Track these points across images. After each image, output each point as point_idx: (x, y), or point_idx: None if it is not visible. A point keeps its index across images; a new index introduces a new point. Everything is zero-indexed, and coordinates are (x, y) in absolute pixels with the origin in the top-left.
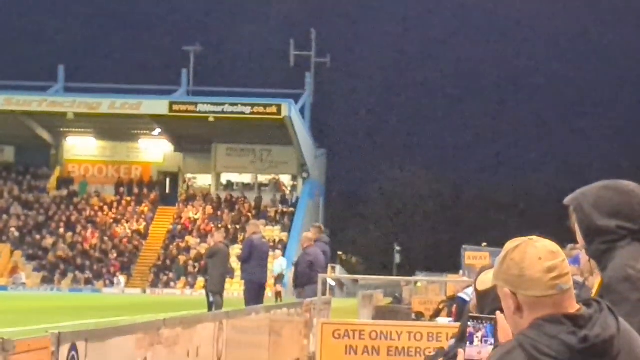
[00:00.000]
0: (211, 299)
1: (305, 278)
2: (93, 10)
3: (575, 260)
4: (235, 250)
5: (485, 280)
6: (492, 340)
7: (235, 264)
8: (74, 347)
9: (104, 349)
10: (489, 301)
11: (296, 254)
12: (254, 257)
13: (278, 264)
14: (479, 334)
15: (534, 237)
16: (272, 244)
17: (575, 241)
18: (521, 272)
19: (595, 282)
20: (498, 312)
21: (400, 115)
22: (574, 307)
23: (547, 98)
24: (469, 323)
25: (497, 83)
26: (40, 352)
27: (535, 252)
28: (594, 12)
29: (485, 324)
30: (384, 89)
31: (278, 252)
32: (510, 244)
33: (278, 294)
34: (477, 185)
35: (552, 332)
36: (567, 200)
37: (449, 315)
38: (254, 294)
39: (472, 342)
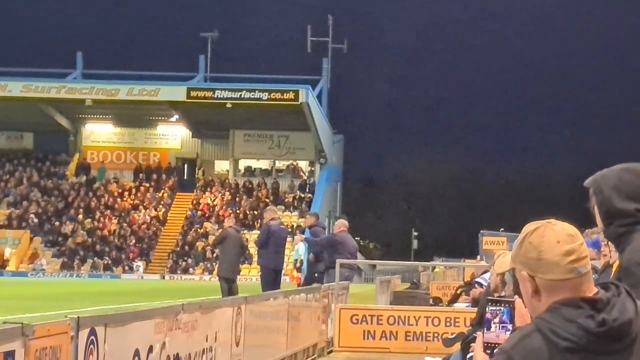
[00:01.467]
0: (225, 284)
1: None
2: None
3: (594, 244)
4: (253, 236)
5: (504, 263)
6: (510, 325)
7: (252, 249)
8: (93, 332)
9: (123, 334)
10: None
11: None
12: (271, 243)
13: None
14: (497, 318)
15: (552, 220)
16: (289, 229)
17: (593, 224)
18: (539, 256)
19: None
20: (516, 296)
21: (417, 101)
22: (592, 290)
23: (568, 85)
24: (487, 307)
25: (516, 69)
26: (60, 336)
27: (553, 235)
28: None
29: (503, 308)
30: (401, 75)
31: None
32: (528, 227)
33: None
34: (495, 170)
35: (570, 315)
36: (587, 182)
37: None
38: (270, 279)
39: (490, 326)
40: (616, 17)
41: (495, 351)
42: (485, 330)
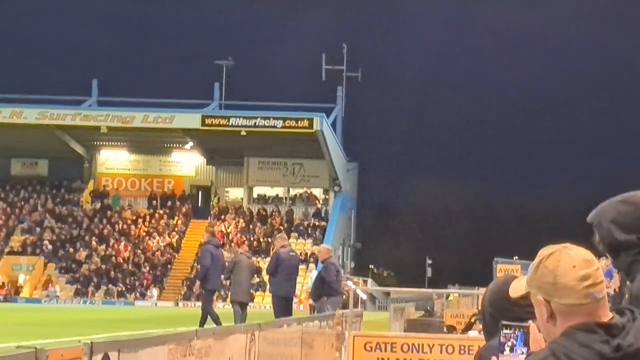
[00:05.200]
0: (238, 309)
1: (332, 288)
2: (126, 25)
3: (607, 273)
4: (266, 263)
5: (518, 287)
6: (524, 349)
7: (266, 277)
8: (106, 358)
9: (136, 359)
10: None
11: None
12: (281, 271)
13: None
14: (511, 342)
15: (568, 245)
16: (303, 257)
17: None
18: (555, 280)
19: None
20: (530, 321)
21: (431, 129)
22: (607, 315)
23: (583, 114)
24: (501, 331)
25: (530, 99)
26: None
27: (569, 259)
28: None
29: (517, 332)
30: (415, 103)
31: (312, 265)
32: (544, 251)
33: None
34: (509, 199)
35: (585, 340)
36: (589, 217)
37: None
38: (281, 307)
39: (504, 350)
40: (632, 41)
41: None
42: (500, 354)
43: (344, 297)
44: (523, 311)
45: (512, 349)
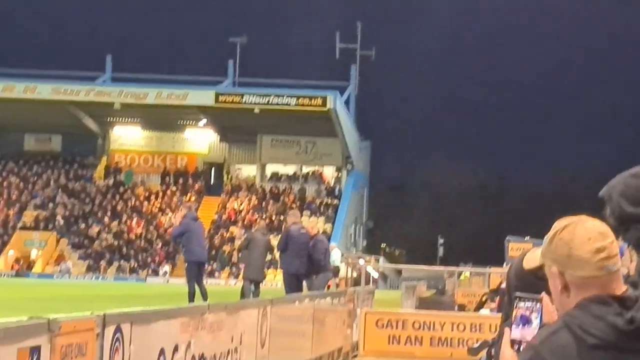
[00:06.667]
0: (250, 285)
1: (320, 266)
2: (141, 2)
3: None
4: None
5: (533, 259)
6: (537, 321)
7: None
8: (118, 330)
9: (149, 333)
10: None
11: (341, 245)
12: (290, 248)
13: (336, 255)
14: (525, 314)
15: (583, 217)
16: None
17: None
18: (569, 252)
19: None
20: (543, 293)
21: (444, 108)
22: (621, 288)
23: (598, 91)
24: (517, 303)
25: (545, 75)
26: (85, 333)
27: (584, 232)
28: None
29: (530, 304)
30: (428, 81)
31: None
32: (559, 223)
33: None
34: (521, 177)
35: (599, 312)
36: (601, 192)
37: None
38: (292, 284)
39: (517, 323)
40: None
41: (522, 347)
42: (513, 326)
43: (331, 275)
44: (547, 286)
45: (526, 321)
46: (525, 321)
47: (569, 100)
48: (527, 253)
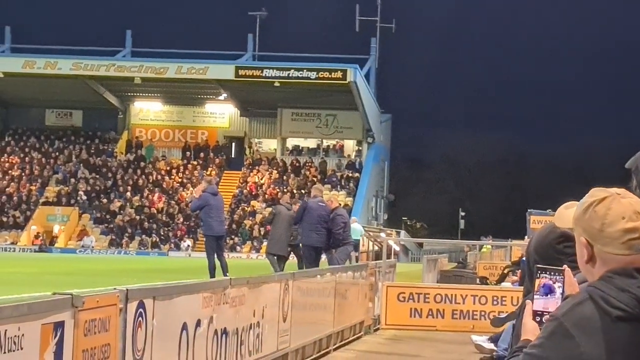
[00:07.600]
0: (274, 259)
1: (338, 239)
2: None
3: None
4: None
5: (567, 219)
6: (560, 291)
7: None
8: (141, 305)
9: (171, 307)
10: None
11: (362, 218)
12: (306, 220)
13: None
14: (548, 284)
15: (621, 192)
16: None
17: None
18: (602, 227)
19: None
20: (565, 265)
21: (465, 80)
22: None
23: (615, 63)
24: (539, 274)
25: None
26: (109, 308)
27: (620, 209)
28: None
29: (553, 276)
30: (449, 55)
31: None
32: (596, 193)
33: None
34: (542, 150)
35: (624, 284)
36: (628, 163)
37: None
38: (310, 257)
39: (540, 293)
40: None
41: (545, 318)
42: (535, 296)
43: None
44: (567, 260)
45: (549, 291)
46: (549, 290)
47: (589, 72)
48: (561, 208)
